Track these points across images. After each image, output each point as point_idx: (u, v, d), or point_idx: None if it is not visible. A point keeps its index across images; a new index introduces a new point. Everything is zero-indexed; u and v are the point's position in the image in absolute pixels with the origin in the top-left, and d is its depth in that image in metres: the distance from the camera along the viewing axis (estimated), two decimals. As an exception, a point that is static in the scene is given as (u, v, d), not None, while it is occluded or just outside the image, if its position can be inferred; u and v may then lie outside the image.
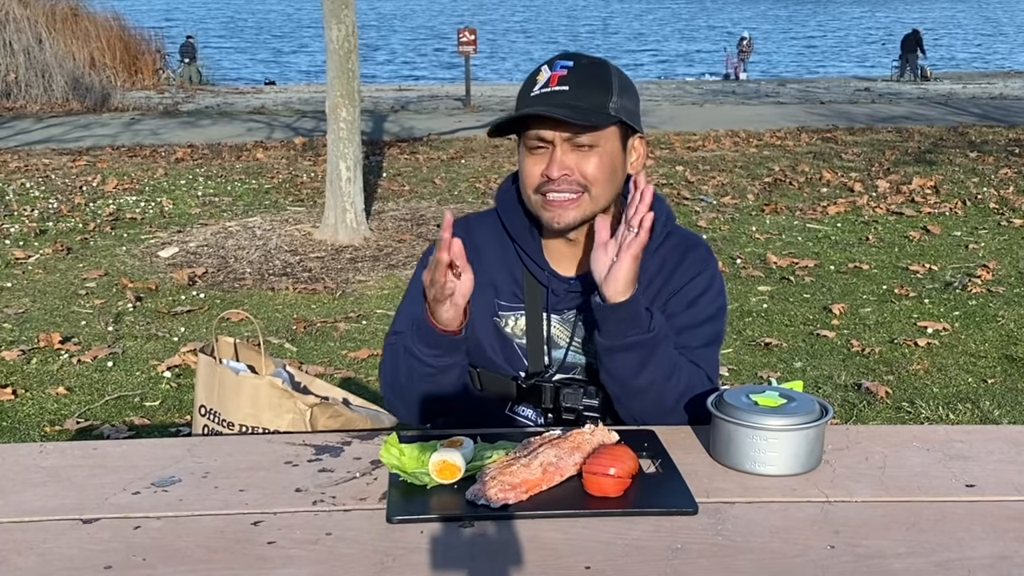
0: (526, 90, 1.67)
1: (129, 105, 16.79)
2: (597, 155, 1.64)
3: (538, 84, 1.64)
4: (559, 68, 1.64)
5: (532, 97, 1.64)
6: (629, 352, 1.61)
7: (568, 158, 1.63)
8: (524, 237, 1.76)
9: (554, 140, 1.62)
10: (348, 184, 6.93)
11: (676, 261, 1.74)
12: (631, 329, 1.60)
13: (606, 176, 1.65)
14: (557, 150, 1.63)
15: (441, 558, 1.22)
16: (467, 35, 16.54)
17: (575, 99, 1.61)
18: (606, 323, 1.61)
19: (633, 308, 1.59)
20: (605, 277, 1.59)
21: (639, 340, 1.60)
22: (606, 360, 1.64)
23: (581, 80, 1.62)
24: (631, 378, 1.63)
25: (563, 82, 1.62)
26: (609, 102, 1.63)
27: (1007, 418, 3.95)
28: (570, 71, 1.63)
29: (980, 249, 6.68)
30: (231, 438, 1.97)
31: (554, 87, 1.62)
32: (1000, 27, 47.42)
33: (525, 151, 1.67)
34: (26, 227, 7.39)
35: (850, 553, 1.23)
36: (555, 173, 1.62)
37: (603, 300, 1.60)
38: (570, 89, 1.61)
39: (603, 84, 1.64)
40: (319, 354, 4.76)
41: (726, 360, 4.57)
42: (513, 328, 1.77)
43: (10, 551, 1.25)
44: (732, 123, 13.74)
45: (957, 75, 26.31)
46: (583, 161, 1.63)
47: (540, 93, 1.63)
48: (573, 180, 1.63)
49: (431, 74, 28.80)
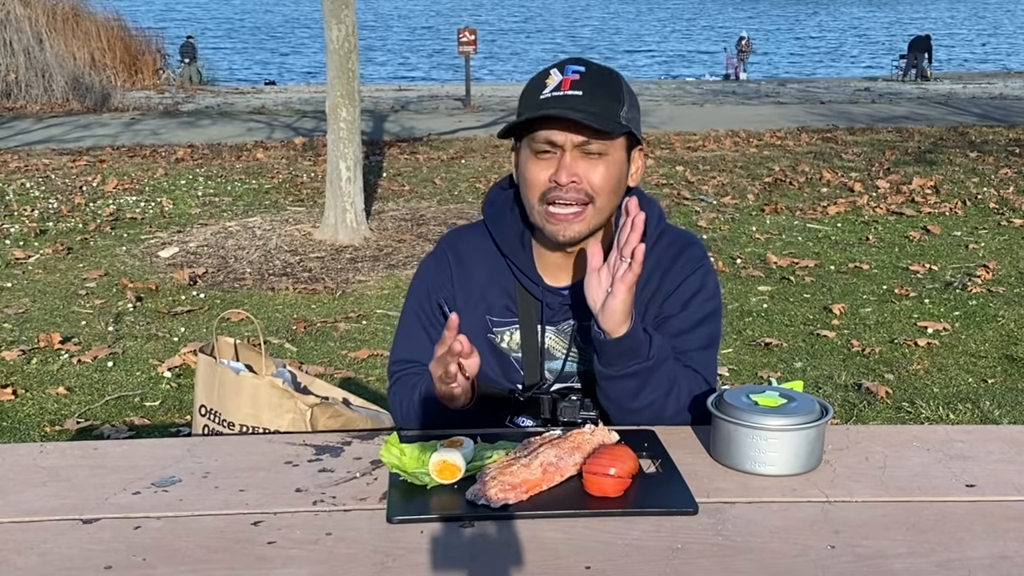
0: (533, 92, 1.63)
1: (129, 105, 16.79)
2: (605, 164, 1.61)
3: (549, 87, 1.61)
4: (571, 72, 1.61)
5: (544, 100, 1.60)
6: (629, 379, 1.60)
7: (577, 165, 1.60)
8: (516, 251, 1.74)
9: (564, 145, 1.59)
10: (348, 184, 6.93)
11: (670, 261, 1.73)
12: (631, 360, 1.58)
13: (611, 187, 1.64)
14: (567, 155, 1.60)
15: (441, 558, 1.22)
16: (467, 35, 16.54)
17: (588, 105, 1.58)
18: (605, 355, 1.59)
19: (633, 340, 1.57)
20: (601, 308, 1.56)
21: (639, 369, 1.59)
22: (605, 385, 1.63)
23: (594, 87, 1.60)
24: (630, 401, 1.62)
25: (576, 87, 1.59)
26: (620, 111, 1.61)
27: (1007, 418, 3.95)
28: (583, 76, 1.61)
29: (980, 249, 6.68)
30: (231, 438, 1.97)
31: (567, 91, 1.59)
32: (1000, 28, 47.40)
33: (530, 155, 1.63)
34: (26, 227, 7.40)
35: (850, 553, 1.23)
36: (564, 179, 1.59)
37: (602, 332, 1.58)
38: (584, 94, 1.59)
39: (615, 92, 1.62)
40: (319, 354, 4.76)
41: (726, 360, 4.57)
42: (509, 343, 1.76)
43: (10, 551, 1.25)
44: (732, 123, 13.73)
45: (957, 75, 26.30)
46: (591, 170, 1.61)
47: (553, 96, 1.59)
48: (581, 188, 1.60)
49: (428, 74, 28.79)
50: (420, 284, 1.82)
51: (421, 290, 1.81)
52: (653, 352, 1.60)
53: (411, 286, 1.85)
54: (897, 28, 45.53)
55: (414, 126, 13.88)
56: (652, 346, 1.60)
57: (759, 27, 45.67)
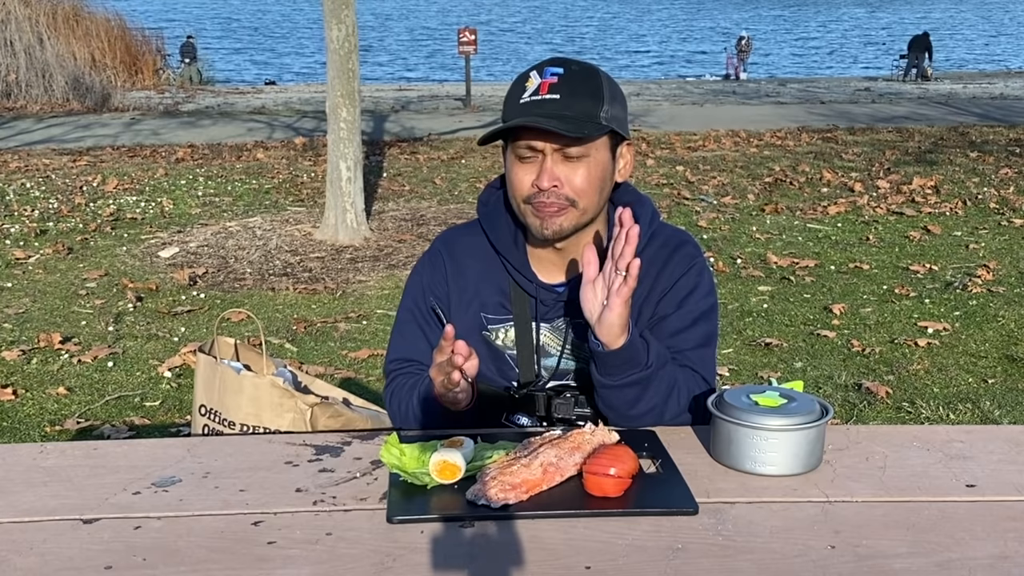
0: (514, 96, 1.63)
1: (129, 105, 16.80)
2: (586, 166, 1.61)
3: (527, 91, 1.61)
4: (549, 75, 1.60)
5: (522, 105, 1.60)
6: (628, 388, 1.59)
7: (558, 169, 1.60)
8: (509, 248, 1.74)
9: (544, 150, 1.59)
10: (348, 184, 6.93)
11: (663, 260, 1.72)
12: (630, 369, 1.58)
13: (595, 187, 1.63)
14: (547, 160, 1.59)
15: (441, 558, 1.22)
16: (467, 35, 16.55)
17: (566, 108, 1.57)
18: (604, 365, 1.59)
19: (631, 350, 1.57)
20: (598, 320, 1.55)
21: (639, 377, 1.58)
22: (604, 394, 1.62)
23: (572, 89, 1.59)
24: (629, 408, 1.62)
25: (553, 90, 1.58)
26: (600, 111, 1.60)
27: (1007, 418, 3.95)
28: (561, 79, 1.59)
29: (980, 249, 6.68)
30: (231, 438, 1.97)
31: (544, 95, 1.58)
32: (1002, 28, 47.36)
33: (514, 159, 1.63)
34: (26, 227, 7.40)
35: (851, 553, 1.23)
36: (545, 184, 1.59)
37: (599, 344, 1.57)
38: (561, 98, 1.58)
39: (594, 93, 1.61)
40: (319, 354, 4.76)
41: (726, 360, 4.57)
42: (504, 340, 1.76)
43: (10, 551, 1.25)
44: (732, 123, 13.74)
45: (958, 75, 26.30)
46: (572, 173, 1.60)
47: (530, 101, 1.59)
48: (562, 193, 1.60)
49: (428, 75, 28.78)
50: (415, 282, 1.83)
51: (416, 288, 1.82)
52: (651, 360, 1.59)
53: (407, 285, 1.85)
54: (898, 29, 45.50)
55: (414, 126, 13.88)
56: (650, 353, 1.60)
57: (760, 28, 45.65)
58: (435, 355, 1.57)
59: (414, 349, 1.78)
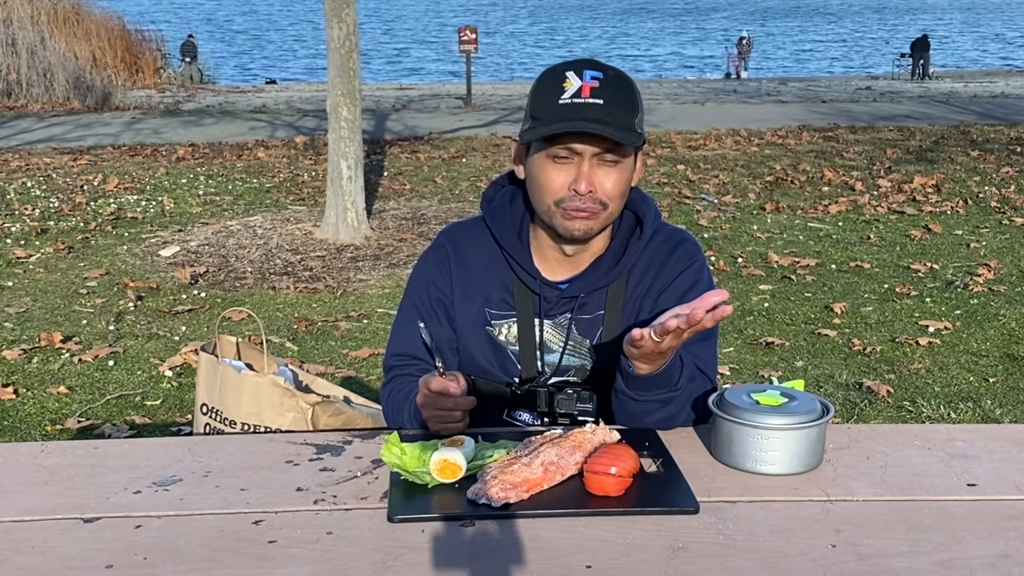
0: (550, 96, 1.60)
1: (130, 104, 16.80)
2: (618, 171, 1.63)
3: (567, 92, 1.59)
4: (589, 79, 1.59)
5: (563, 106, 1.58)
6: (652, 403, 1.60)
7: (595, 173, 1.61)
8: (513, 245, 1.74)
9: (583, 153, 1.60)
10: (349, 183, 6.93)
11: (664, 257, 1.74)
12: (659, 389, 1.58)
13: (622, 192, 1.66)
14: (585, 163, 1.60)
15: (442, 557, 1.22)
16: (468, 34, 16.54)
17: (608, 115, 1.58)
18: (633, 380, 1.58)
19: (668, 373, 1.57)
20: (642, 354, 1.51)
21: (666, 397, 1.59)
22: (626, 402, 1.62)
23: (613, 95, 1.59)
24: (645, 417, 1.62)
25: (596, 94, 1.58)
26: (635, 119, 1.62)
27: (1008, 417, 3.95)
28: (601, 83, 1.59)
29: (981, 248, 6.67)
30: (232, 437, 1.97)
31: (587, 98, 1.58)
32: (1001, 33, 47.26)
33: (546, 159, 1.62)
34: (27, 226, 7.40)
35: (851, 552, 1.23)
36: (584, 188, 1.60)
37: (632, 366, 1.56)
38: (604, 103, 1.58)
39: (631, 101, 1.62)
40: (320, 353, 4.76)
41: (727, 359, 4.57)
42: (507, 336, 1.76)
43: (11, 550, 1.25)
44: (733, 122, 13.73)
45: (959, 74, 26.29)
46: (606, 178, 1.62)
47: (571, 103, 1.58)
48: (597, 198, 1.62)
49: (429, 74, 28.77)
50: (419, 277, 1.83)
51: (420, 283, 1.82)
52: (681, 381, 1.60)
53: (410, 279, 1.85)
54: (899, 29, 45.48)
55: (415, 125, 13.88)
56: (683, 375, 1.60)
57: (759, 28, 45.58)
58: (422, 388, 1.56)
59: (415, 344, 1.78)
